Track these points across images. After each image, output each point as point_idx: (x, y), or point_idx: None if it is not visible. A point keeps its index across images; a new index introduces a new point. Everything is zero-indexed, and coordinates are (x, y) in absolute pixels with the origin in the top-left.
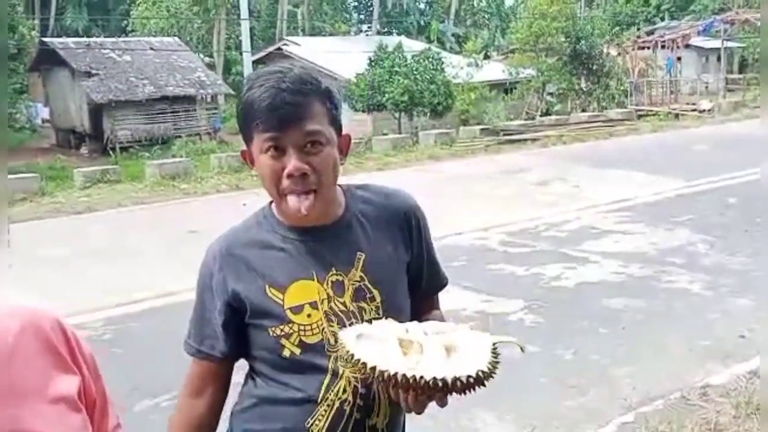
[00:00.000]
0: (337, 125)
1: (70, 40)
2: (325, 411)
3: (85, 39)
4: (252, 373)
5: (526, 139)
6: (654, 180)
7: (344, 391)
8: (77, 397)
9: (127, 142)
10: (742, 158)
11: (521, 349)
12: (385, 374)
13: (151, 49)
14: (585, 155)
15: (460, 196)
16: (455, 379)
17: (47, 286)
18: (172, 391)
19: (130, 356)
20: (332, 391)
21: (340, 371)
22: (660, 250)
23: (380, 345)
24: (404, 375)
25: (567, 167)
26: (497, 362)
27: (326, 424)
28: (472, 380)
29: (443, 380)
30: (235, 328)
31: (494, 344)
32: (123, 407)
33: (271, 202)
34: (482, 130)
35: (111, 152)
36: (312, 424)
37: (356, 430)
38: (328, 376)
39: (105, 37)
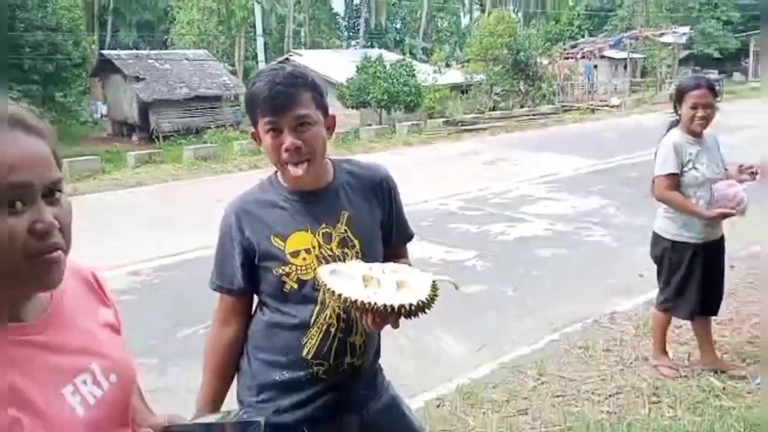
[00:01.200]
0: (323, 108)
1: (122, 52)
2: (316, 332)
3: (134, 51)
4: (261, 304)
5: (478, 129)
6: (574, 159)
7: (330, 317)
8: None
9: (168, 132)
10: (641, 142)
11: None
12: (348, 300)
13: (186, 59)
14: (523, 141)
15: (427, 172)
16: (401, 306)
17: (110, 244)
18: (206, 322)
19: (175, 296)
20: (321, 317)
21: (327, 301)
22: (579, 212)
23: (348, 279)
24: (362, 301)
25: (509, 150)
26: (435, 295)
27: (317, 342)
28: (413, 307)
29: (391, 306)
30: (249, 268)
31: (434, 281)
32: (173, 334)
33: (276, 172)
34: (444, 122)
35: (156, 140)
36: (306, 342)
37: (339, 346)
38: (318, 306)
39: (150, 49)
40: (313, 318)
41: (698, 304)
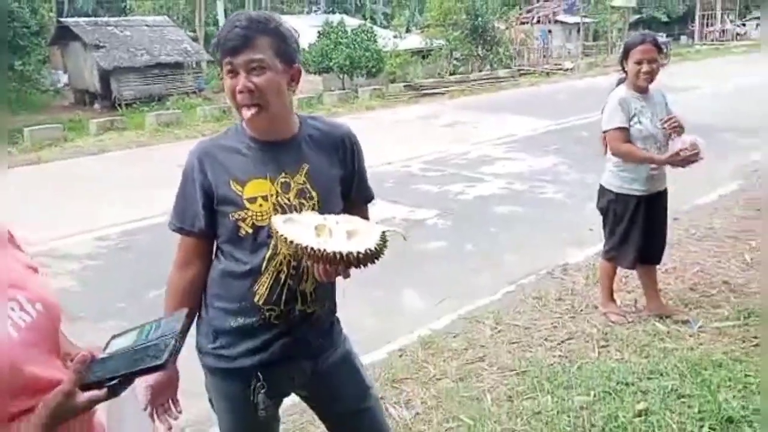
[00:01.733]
0: (284, 56)
1: (81, 19)
2: (267, 279)
3: (93, 18)
4: (218, 251)
5: (437, 93)
6: (530, 120)
7: (280, 264)
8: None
9: (130, 99)
10: (593, 103)
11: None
12: (299, 246)
13: (146, 25)
14: (481, 104)
15: (390, 135)
16: (349, 253)
17: (76, 210)
18: None
19: (142, 259)
20: (272, 263)
21: (279, 248)
22: (534, 170)
23: (301, 228)
24: (312, 248)
25: (468, 113)
26: (384, 245)
27: (267, 289)
28: (361, 255)
29: (340, 253)
30: (209, 210)
31: (383, 232)
32: (142, 296)
33: (242, 121)
34: (405, 86)
35: (118, 108)
36: (257, 289)
37: (290, 293)
38: (270, 252)
39: (109, 16)
40: (264, 264)
41: (640, 253)
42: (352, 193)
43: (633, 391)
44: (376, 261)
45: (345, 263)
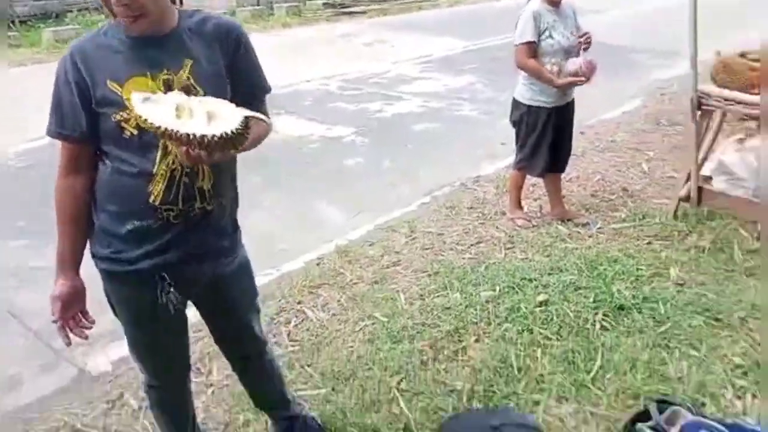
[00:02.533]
0: None
1: None
2: (161, 178)
3: None
4: (103, 155)
5: (357, 12)
6: (448, 40)
7: (173, 162)
8: None
9: (25, 16)
10: (510, 24)
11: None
12: (153, 126)
13: None
14: (400, 23)
15: (307, 54)
16: (203, 136)
17: None
18: None
19: (43, 178)
20: (164, 163)
21: (169, 147)
22: (451, 89)
23: (161, 107)
24: (166, 128)
25: (387, 33)
26: (244, 130)
27: (162, 189)
28: (216, 138)
29: (193, 135)
30: (88, 111)
31: (246, 117)
32: (42, 214)
33: (115, 17)
34: (324, 3)
35: (11, 25)
36: (152, 189)
37: (187, 191)
38: (160, 152)
39: None
40: (157, 165)
41: (548, 163)
42: (242, 86)
43: (535, 285)
44: (237, 147)
45: (200, 146)
